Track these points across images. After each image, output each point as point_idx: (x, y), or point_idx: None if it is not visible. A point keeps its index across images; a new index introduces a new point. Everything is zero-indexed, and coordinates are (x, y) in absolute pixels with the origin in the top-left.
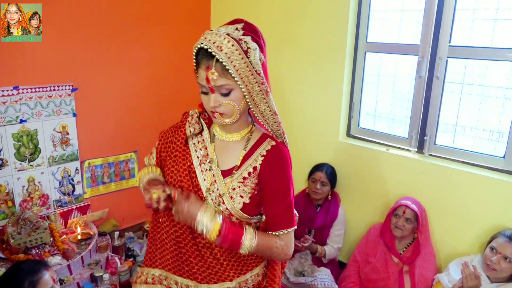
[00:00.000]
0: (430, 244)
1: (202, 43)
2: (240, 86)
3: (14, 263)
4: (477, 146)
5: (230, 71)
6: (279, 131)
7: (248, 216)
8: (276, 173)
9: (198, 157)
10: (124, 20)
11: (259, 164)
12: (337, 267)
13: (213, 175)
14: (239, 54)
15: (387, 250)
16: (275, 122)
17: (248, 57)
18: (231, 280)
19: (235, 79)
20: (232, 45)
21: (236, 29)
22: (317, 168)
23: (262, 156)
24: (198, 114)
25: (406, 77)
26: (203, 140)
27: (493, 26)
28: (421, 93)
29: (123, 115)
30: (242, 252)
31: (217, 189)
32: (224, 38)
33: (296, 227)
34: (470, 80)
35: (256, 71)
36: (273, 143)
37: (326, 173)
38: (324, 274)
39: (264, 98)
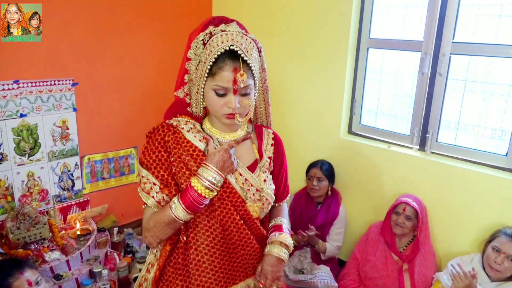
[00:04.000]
0: (429, 242)
1: (232, 45)
2: (256, 84)
3: None
4: (479, 144)
5: (253, 71)
6: (267, 120)
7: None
8: (282, 156)
9: None
10: (126, 15)
11: (272, 153)
12: (337, 265)
13: (240, 175)
14: (257, 54)
15: (387, 248)
16: (266, 112)
17: (260, 56)
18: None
19: (255, 78)
20: (253, 46)
21: (240, 28)
22: (312, 165)
23: (272, 145)
24: (198, 124)
25: (408, 73)
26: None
27: (497, 22)
28: (423, 90)
29: (124, 110)
30: None
31: (252, 186)
32: (246, 39)
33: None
34: (473, 77)
35: (263, 69)
36: (270, 130)
37: (321, 168)
38: (324, 272)
39: (263, 94)
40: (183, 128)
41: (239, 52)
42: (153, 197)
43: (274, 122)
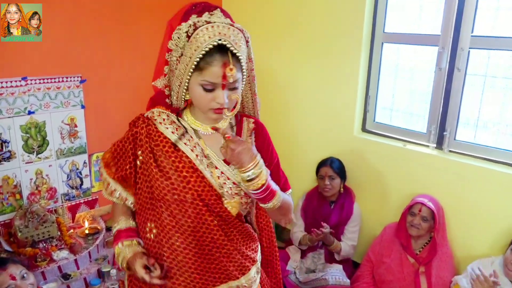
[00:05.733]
0: (447, 244)
1: (220, 40)
2: (244, 76)
3: None
4: (499, 142)
5: (242, 64)
6: (254, 110)
7: None
8: (268, 143)
9: (197, 155)
10: (134, 10)
11: (253, 142)
12: (351, 266)
13: (216, 168)
14: (245, 45)
15: (402, 250)
16: (252, 102)
17: (248, 47)
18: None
19: (243, 70)
20: (241, 37)
21: (225, 17)
22: (322, 164)
23: (251, 133)
24: (173, 115)
25: (425, 69)
26: (191, 138)
27: None
28: (441, 86)
29: (133, 107)
30: (272, 204)
31: (228, 179)
32: (234, 31)
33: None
34: (493, 72)
35: (250, 58)
36: (252, 120)
37: (331, 166)
38: (336, 269)
39: (249, 83)
40: (155, 119)
41: (228, 46)
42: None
43: (284, 120)
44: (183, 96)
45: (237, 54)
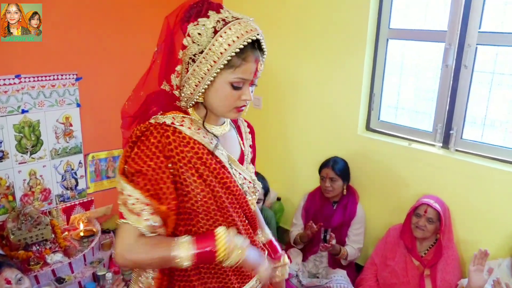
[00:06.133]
0: (453, 246)
1: (258, 35)
2: None
3: None
4: (507, 141)
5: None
6: None
7: None
8: (254, 142)
9: (227, 160)
10: (130, 7)
11: (251, 141)
12: (354, 270)
13: (235, 170)
14: None
15: (407, 252)
16: None
17: None
18: None
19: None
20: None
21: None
22: (324, 164)
23: (249, 133)
24: (198, 120)
25: (431, 66)
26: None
27: None
28: (447, 84)
29: None
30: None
31: (245, 179)
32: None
33: None
34: (501, 70)
35: None
36: (242, 118)
37: (333, 168)
38: (340, 276)
39: None
40: (182, 126)
41: (261, 41)
42: (146, 219)
43: (286, 118)
44: (197, 97)
45: (265, 49)
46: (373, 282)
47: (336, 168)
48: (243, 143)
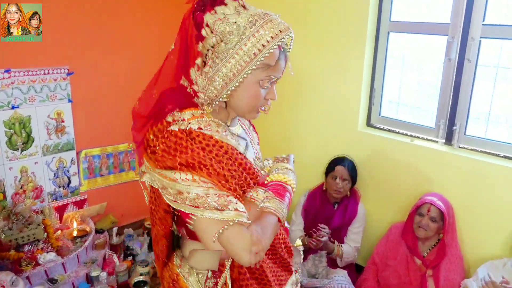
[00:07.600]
0: (457, 246)
1: (291, 33)
2: None
3: None
4: None
5: None
6: None
7: None
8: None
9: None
10: (125, 1)
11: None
12: (354, 270)
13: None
14: None
15: (409, 252)
16: None
17: None
18: None
19: None
20: None
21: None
22: (337, 162)
23: (251, 125)
24: (223, 123)
25: (434, 60)
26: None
27: None
28: (450, 78)
29: (123, 101)
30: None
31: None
32: None
33: None
34: (506, 63)
35: None
36: None
37: (348, 168)
38: (341, 276)
39: None
40: (209, 129)
41: (293, 40)
42: (236, 209)
43: (285, 114)
44: (223, 97)
45: (291, 48)
46: (374, 283)
47: (350, 168)
48: (251, 140)
